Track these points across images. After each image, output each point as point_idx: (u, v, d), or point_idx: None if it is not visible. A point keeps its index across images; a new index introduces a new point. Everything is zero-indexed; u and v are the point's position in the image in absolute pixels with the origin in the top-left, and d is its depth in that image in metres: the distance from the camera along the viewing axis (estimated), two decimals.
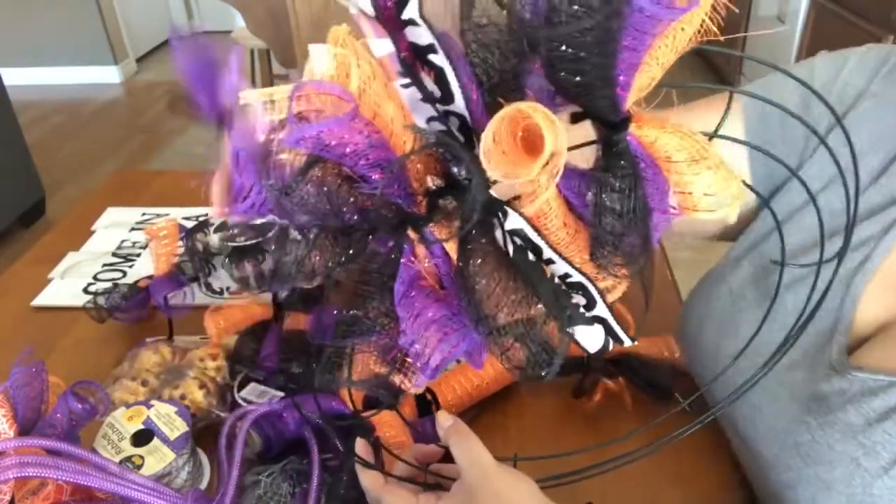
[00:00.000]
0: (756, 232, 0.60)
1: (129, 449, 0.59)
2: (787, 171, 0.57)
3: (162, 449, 0.59)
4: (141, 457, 0.58)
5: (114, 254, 0.97)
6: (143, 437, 0.60)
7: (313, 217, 0.34)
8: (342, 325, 0.38)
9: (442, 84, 0.32)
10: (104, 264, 0.95)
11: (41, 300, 0.88)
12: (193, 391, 0.67)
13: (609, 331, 0.39)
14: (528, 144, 0.30)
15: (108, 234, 1.02)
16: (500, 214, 0.34)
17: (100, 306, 0.78)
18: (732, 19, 0.30)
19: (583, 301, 0.37)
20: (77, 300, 0.84)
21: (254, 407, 0.63)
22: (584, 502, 0.52)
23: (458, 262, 0.36)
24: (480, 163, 0.30)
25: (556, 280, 0.37)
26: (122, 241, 1.00)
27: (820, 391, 0.50)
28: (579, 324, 0.38)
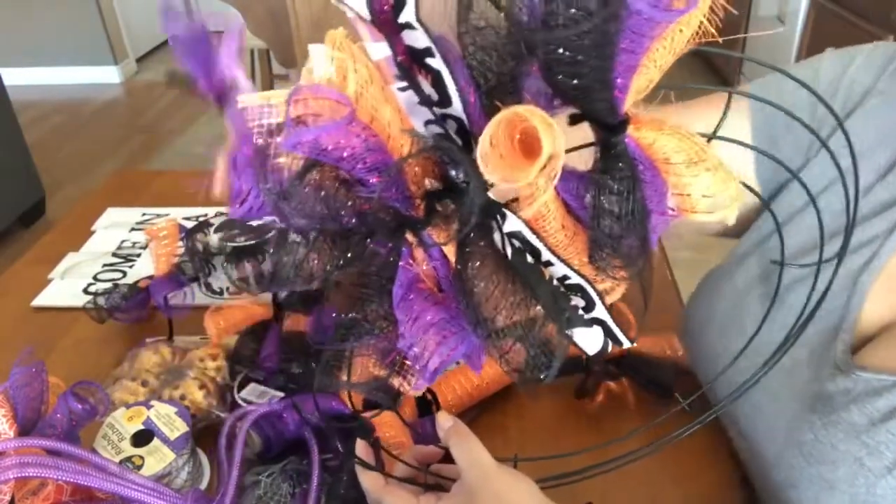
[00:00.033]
0: (762, 229, 0.60)
1: (129, 449, 0.59)
2: (793, 169, 0.57)
3: (162, 449, 0.59)
4: (141, 457, 0.58)
5: (114, 254, 0.97)
6: (143, 438, 0.60)
7: (311, 221, 0.34)
8: (341, 328, 0.38)
9: (439, 87, 0.32)
10: (104, 264, 0.95)
11: (41, 300, 0.88)
12: (193, 391, 0.67)
13: (608, 332, 0.39)
14: (526, 147, 0.30)
15: (108, 235, 1.02)
16: (498, 217, 0.34)
17: (100, 306, 0.78)
18: (732, 20, 0.30)
19: (582, 303, 0.37)
20: (77, 300, 0.84)
21: (254, 407, 0.63)
22: (585, 502, 0.52)
23: (457, 264, 0.36)
24: (478, 166, 0.30)
25: (555, 282, 0.37)
26: (122, 242, 1.00)
27: (824, 390, 0.50)
28: (578, 326, 0.38)
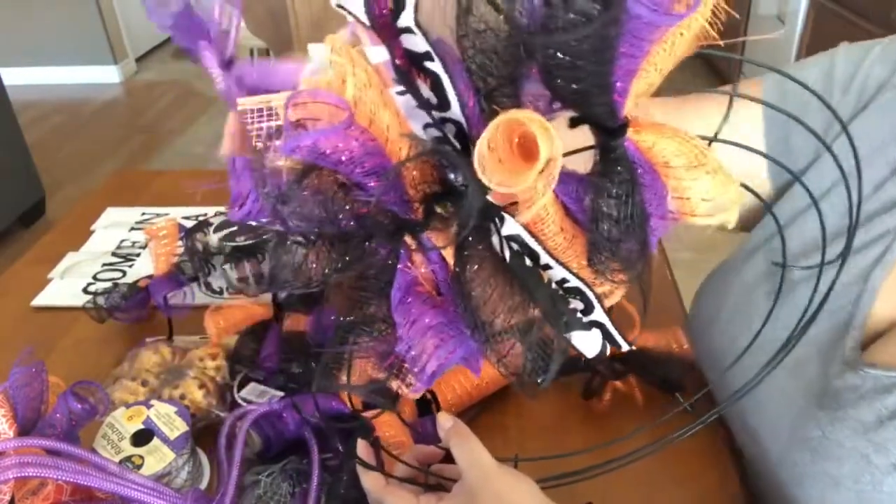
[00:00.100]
0: (771, 224, 0.59)
1: (128, 449, 0.59)
2: (805, 161, 0.56)
3: (162, 449, 0.59)
4: (141, 457, 0.58)
5: (114, 254, 0.97)
6: (142, 437, 0.60)
7: (310, 224, 0.34)
8: (340, 330, 0.38)
9: (438, 91, 0.32)
10: (104, 264, 0.95)
11: (41, 300, 0.88)
12: (193, 391, 0.67)
13: (607, 335, 0.39)
14: (525, 150, 0.30)
15: (107, 234, 1.02)
16: (496, 220, 0.34)
17: (100, 306, 0.78)
18: (732, 20, 0.30)
19: (580, 306, 0.37)
20: (77, 300, 0.84)
21: (254, 407, 0.63)
22: (584, 502, 0.52)
23: (455, 268, 0.36)
24: (476, 170, 0.30)
25: (554, 285, 0.36)
26: (121, 241, 1.00)
27: (832, 387, 0.50)
28: (576, 329, 0.38)
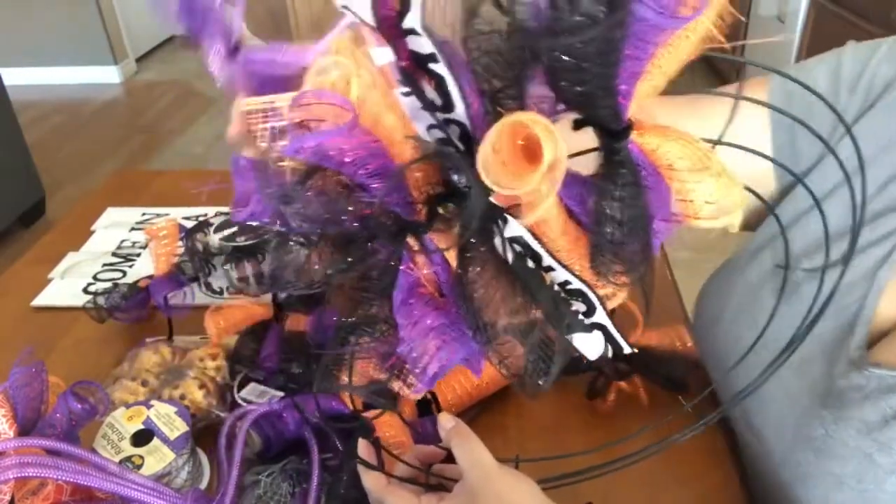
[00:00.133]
0: (776, 223, 0.59)
1: (128, 449, 0.59)
2: (812, 160, 0.56)
3: (162, 449, 0.59)
4: (141, 457, 0.58)
5: (114, 254, 0.97)
6: (142, 437, 0.60)
7: (313, 225, 0.34)
8: (341, 331, 0.38)
9: (443, 92, 0.32)
10: (104, 264, 0.95)
11: (41, 300, 0.88)
12: (193, 391, 0.67)
13: (608, 337, 0.39)
14: (529, 152, 0.30)
15: (108, 234, 1.02)
16: (499, 222, 0.34)
17: (100, 306, 0.78)
18: (731, 21, 0.30)
19: (582, 308, 0.37)
20: (77, 300, 0.84)
21: (254, 407, 0.63)
22: (585, 502, 0.52)
23: (457, 269, 0.36)
24: (479, 172, 0.30)
25: (556, 287, 0.36)
26: (122, 241, 1.00)
27: (837, 386, 0.50)
28: (578, 331, 0.38)
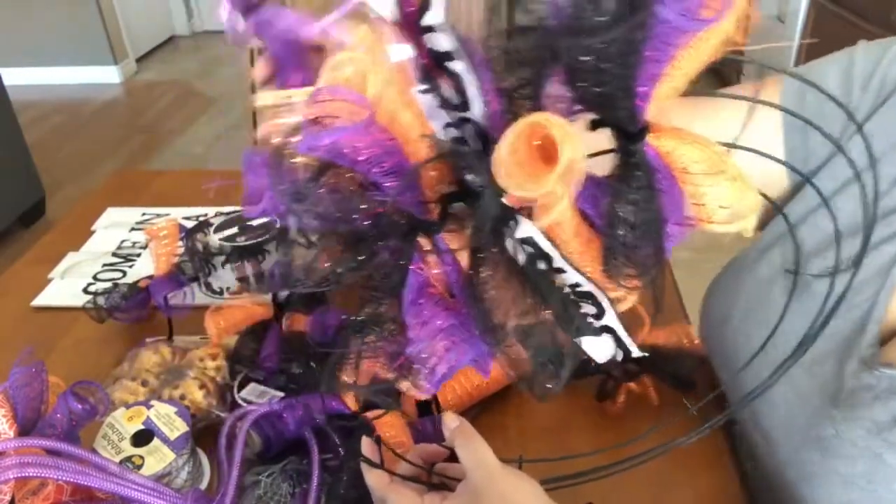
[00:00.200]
0: (789, 217, 0.58)
1: (129, 449, 0.59)
2: (823, 157, 0.56)
3: (162, 449, 0.59)
4: (141, 457, 0.58)
5: (114, 254, 0.97)
6: (143, 438, 0.60)
7: (324, 222, 0.34)
8: (349, 330, 0.37)
9: (460, 91, 0.31)
10: (104, 264, 0.95)
11: (41, 300, 0.88)
12: (193, 391, 0.66)
13: (618, 341, 0.39)
14: (545, 153, 0.29)
15: (108, 234, 1.02)
16: (511, 223, 0.34)
17: (100, 306, 0.78)
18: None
19: (592, 311, 0.37)
20: (77, 300, 0.84)
21: (254, 407, 0.63)
22: (585, 503, 0.52)
23: (469, 270, 0.35)
24: (493, 174, 0.30)
25: (566, 289, 0.36)
26: (122, 241, 1.00)
27: (847, 386, 0.49)
28: (588, 334, 0.38)
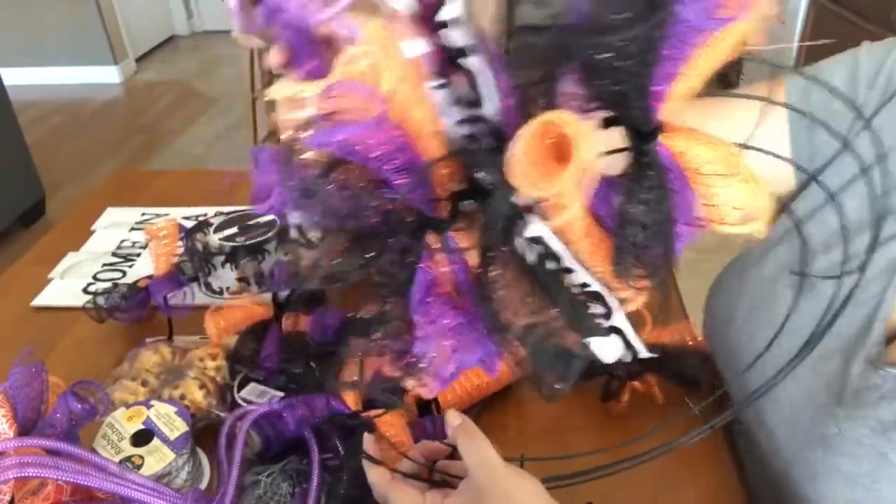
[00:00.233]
0: (792, 215, 0.58)
1: (128, 449, 0.59)
2: (828, 154, 0.56)
3: (162, 449, 0.59)
4: (141, 457, 0.58)
5: (114, 254, 0.97)
6: (142, 437, 0.60)
7: (333, 219, 0.34)
8: (355, 328, 0.37)
9: (475, 88, 0.31)
10: (104, 264, 0.95)
11: (41, 300, 0.88)
12: (193, 391, 0.67)
13: (626, 341, 0.39)
14: (558, 151, 0.29)
15: (108, 234, 1.02)
16: (521, 222, 0.33)
17: (100, 306, 0.78)
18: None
19: (601, 311, 0.37)
20: (77, 300, 0.84)
21: (254, 407, 0.63)
22: (584, 503, 0.52)
23: (479, 269, 0.35)
24: (506, 172, 0.29)
25: (575, 289, 0.36)
26: (121, 241, 1.00)
27: (853, 385, 0.49)
28: (596, 335, 0.38)
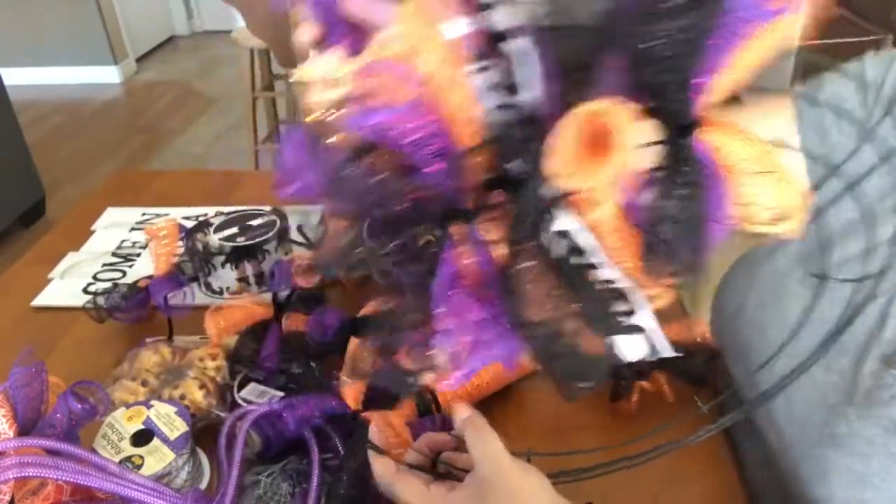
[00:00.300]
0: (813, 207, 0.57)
1: (128, 449, 0.59)
2: (843, 155, 0.56)
3: (162, 449, 0.59)
4: (141, 457, 0.58)
5: (114, 254, 0.97)
6: (142, 437, 0.60)
7: (360, 205, 0.33)
8: (377, 320, 0.36)
9: (515, 73, 0.30)
10: (104, 264, 0.95)
11: (41, 300, 0.88)
12: (193, 391, 0.67)
13: (650, 340, 0.38)
14: (595, 141, 0.28)
15: (108, 234, 1.02)
16: (549, 215, 0.33)
17: (100, 306, 0.78)
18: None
19: (626, 308, 0.36)
20: (77, 300, 0.84)
21: (254, 407, 0.63)
22: (584, 502, 0.52)
23: (506, 262, 0.34)
24: (543, 162, 0.28)
25: (601, 286, 0.35)
26: (122, 241, 1.00)
27: (865, 384, 0.49)
28: (620, 333, 0.37)
